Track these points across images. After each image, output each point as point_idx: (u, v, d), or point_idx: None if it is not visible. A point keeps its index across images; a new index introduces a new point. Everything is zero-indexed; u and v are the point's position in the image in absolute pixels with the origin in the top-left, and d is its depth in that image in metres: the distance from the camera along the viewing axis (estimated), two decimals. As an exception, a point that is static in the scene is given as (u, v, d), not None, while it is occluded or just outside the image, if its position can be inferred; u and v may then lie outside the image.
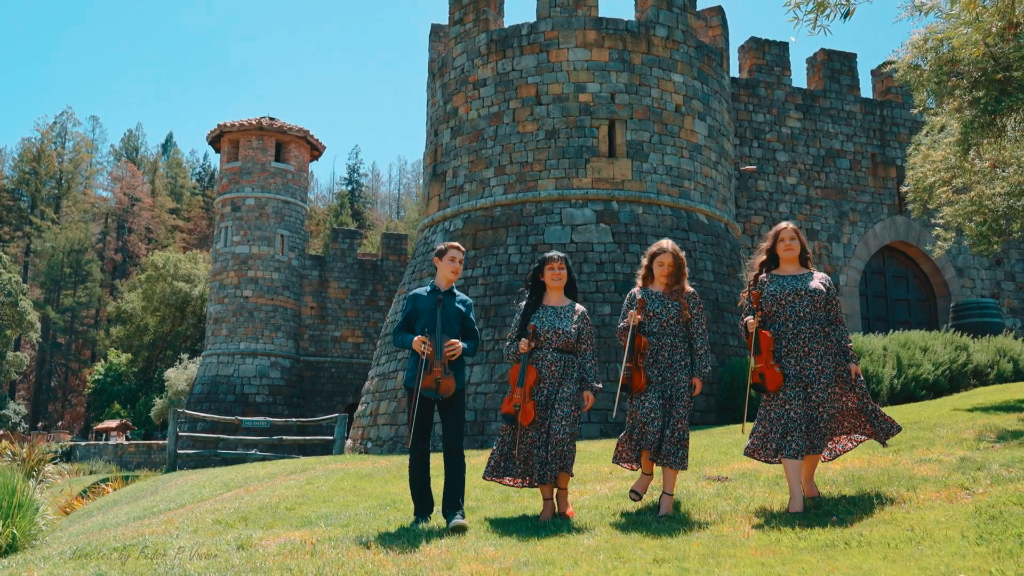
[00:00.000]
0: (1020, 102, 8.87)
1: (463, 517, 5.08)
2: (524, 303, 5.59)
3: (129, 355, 53.44)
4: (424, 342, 5.18)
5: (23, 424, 52.16)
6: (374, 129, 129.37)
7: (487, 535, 4.86)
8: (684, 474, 6.32)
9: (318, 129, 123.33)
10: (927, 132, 11.35)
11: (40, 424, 57.85)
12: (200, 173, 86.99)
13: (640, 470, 5.48)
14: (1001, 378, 13.66)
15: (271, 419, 14.45)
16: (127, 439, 42.95)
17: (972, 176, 10.24)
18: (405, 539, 4.76)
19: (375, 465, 9.46)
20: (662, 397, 5.23)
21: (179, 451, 13.78)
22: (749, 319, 5.16)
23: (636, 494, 5.40)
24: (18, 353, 53.24)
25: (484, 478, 5.47)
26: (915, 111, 10.17)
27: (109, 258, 75.66)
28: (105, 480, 21.03)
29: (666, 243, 5.53)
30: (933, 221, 12.22)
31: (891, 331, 14.16)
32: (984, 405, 9.55)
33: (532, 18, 16.15)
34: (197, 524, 5.98)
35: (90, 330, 68.95)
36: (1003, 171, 10.40)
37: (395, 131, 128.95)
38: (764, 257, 5.40)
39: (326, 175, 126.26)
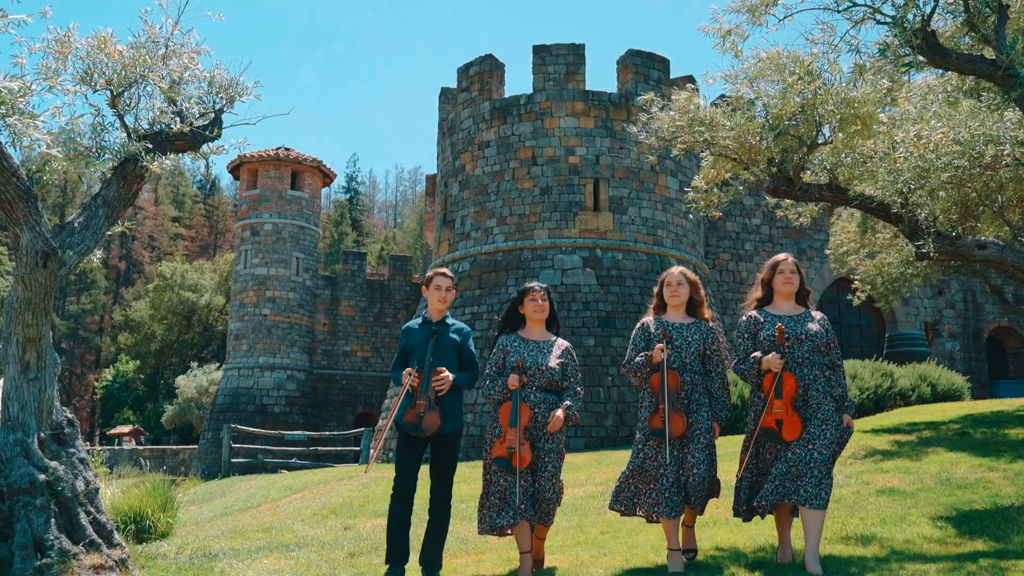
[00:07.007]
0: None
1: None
2: (499, 335, 5.22)
3: (137, 362, 55.75)
4: (411, 374, 4.96)
5: (35, 428, 54.38)
6: (371, 136, 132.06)
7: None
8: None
9: (314, 137, 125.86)
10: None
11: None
12: (202, 181, 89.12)
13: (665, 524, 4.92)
14: (921, 400, 16.08)
15: (307, 433, 17.15)
16: (137, 444, 45.36)
17: (876, 246, 13.01)
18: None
19: (407, 473, 12.04)
20: (680, 447, 4.88)
21: (232, 459, 16.50)
22: (774, 357, 4.74)
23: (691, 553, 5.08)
24: (31, 361, 55.33)
25: (480, 534, 5.09)
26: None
27: (113, 266, 78.01)
28: (146, 483, 23.46)
29: (675, 269, 5.19)
30: (852, 276, 14.99)
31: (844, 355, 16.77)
32: (883, 426, 11.62)
33: (529, 90, 18.96)
34: (300, 515, 8.62)
35: (95, 337, 71.23)
36: (900, 239, 13.16)
37: (392, 138, 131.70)
38: (760, 293, 5.06)
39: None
